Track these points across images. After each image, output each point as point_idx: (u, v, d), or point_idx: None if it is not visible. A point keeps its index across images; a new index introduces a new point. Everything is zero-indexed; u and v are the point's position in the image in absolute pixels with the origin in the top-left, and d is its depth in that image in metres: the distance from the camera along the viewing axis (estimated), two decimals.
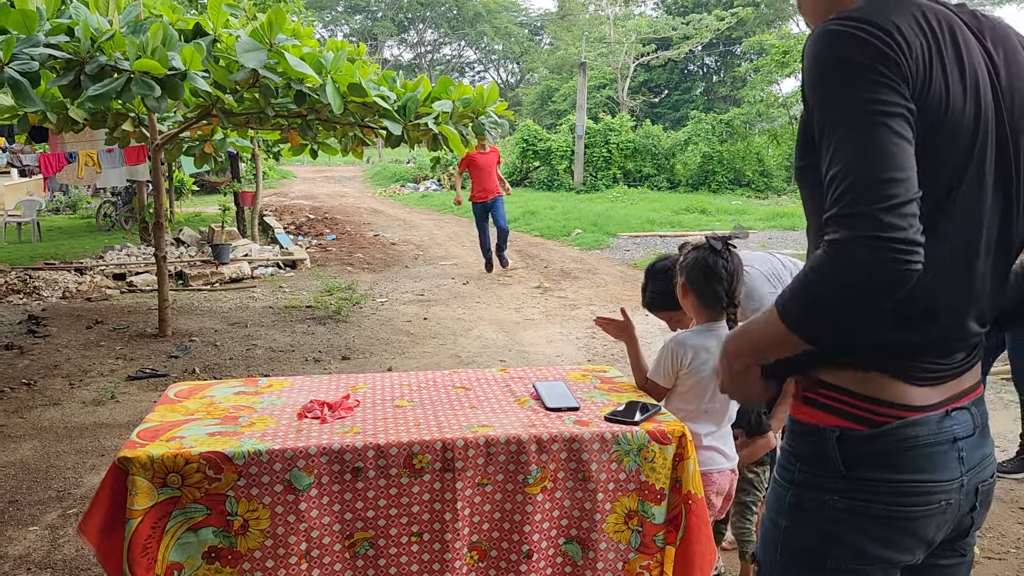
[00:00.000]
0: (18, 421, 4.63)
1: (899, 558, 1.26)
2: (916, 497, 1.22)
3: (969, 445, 1.25)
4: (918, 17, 1.15)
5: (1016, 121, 1.21)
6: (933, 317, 1.21)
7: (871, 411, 1.23)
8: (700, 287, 2.32)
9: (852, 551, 1.25)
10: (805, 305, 1.13)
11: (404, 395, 2.28)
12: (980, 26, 1.23)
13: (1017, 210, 1.24)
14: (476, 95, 5.43)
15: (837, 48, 1.12)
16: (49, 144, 10.32)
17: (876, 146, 1.08)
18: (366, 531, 1.90)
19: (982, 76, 1.17)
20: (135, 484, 1.76)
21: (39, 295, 8.32)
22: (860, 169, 1.08)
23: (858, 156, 1.09)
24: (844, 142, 1.10)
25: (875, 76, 1.09)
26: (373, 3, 52.79)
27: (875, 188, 1.06)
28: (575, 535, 2.03)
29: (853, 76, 1.10)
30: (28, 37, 4.02)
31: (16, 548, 3.16)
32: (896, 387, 1.22)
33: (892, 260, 1.04)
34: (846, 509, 1.24)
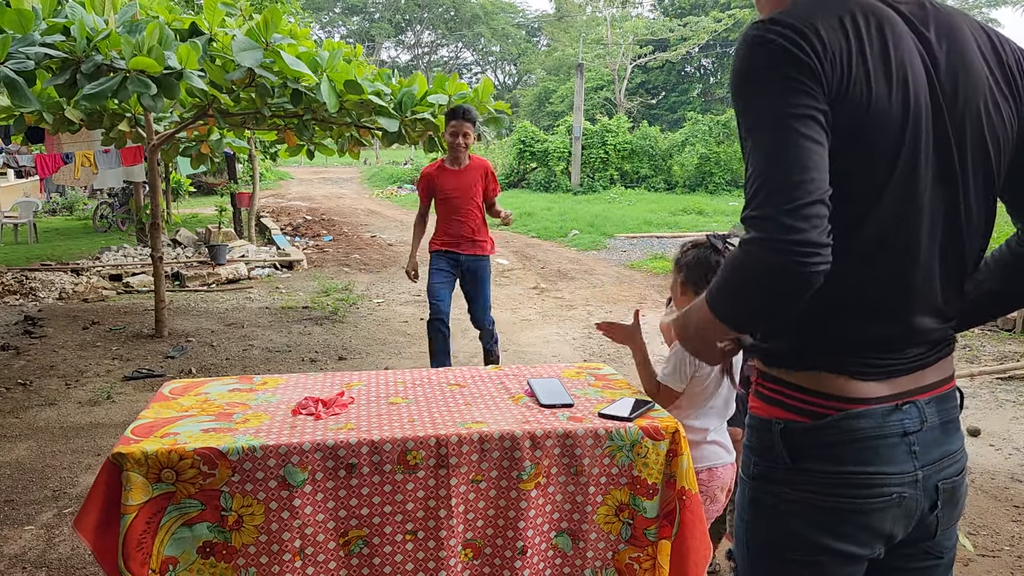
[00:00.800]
0: (14, 421, 4.62)
1: (855, 551, 1.26)
2: (863, 489, 1.23)
3: (924, 440, 1.25)
4: (843, 16, 1.17)
5: (959, 112, 1.21)
6: (872, 313, 1.22)
7: (812, 403, 1.24)
8: (700, 285, 2.33)
9: (806, 543, 1.26)
10: (726, 298, 1.18)
11: (399, 392, 2.29)
12: (925, 17, 1.24)
13: (965, 202, 1.24)
14: (473, 91, 5.45)
15: (752, 54, 1.16)
16: (45, 145, 10.32)
17: (783, 149, 1.11)
18: (361, 529, 1.90)
19: (914, 71, 1.18)
20: (130, 480, 1.76)
21: (36, 296, 8.31)
22: (767, 172, 1.12)
23: (767, 159, 1.12)
24: (755, 146, 1.14)
25: (786, 82, 1.12)
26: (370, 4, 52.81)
27: (779, 191, 1.10)
28: (566, 528, 2.03)
29: (765, 83, 1.14)
30: (24, 36, 4.02)
31: (12, 547, 3.16)
32: (838, 381, 1.23)
33: (793, 262, 1.07)
34: (796, 501, 1.26)
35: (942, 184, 1.21)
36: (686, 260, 2.37)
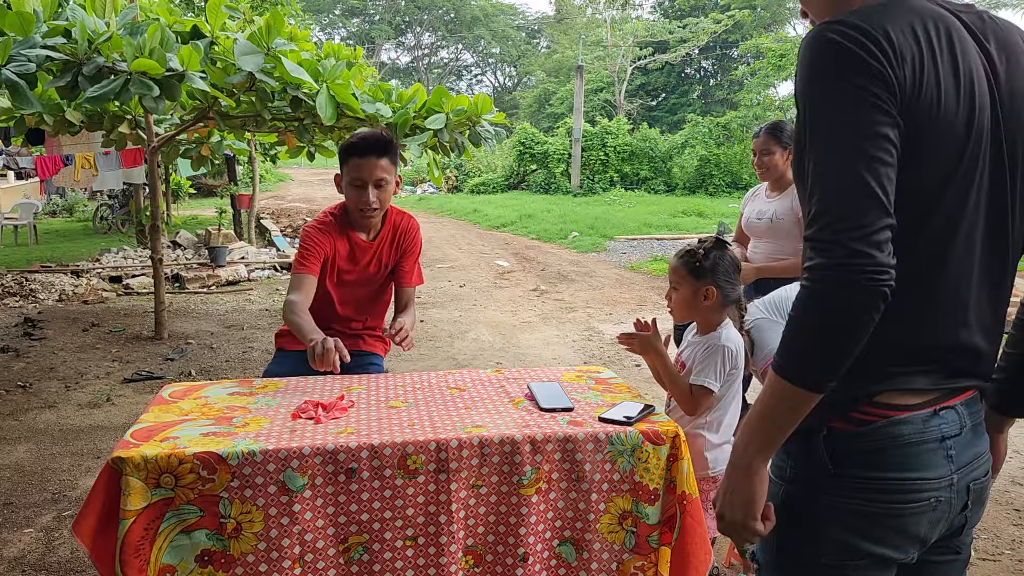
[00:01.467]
0: (14, 424, 4.62)
1: (892, 555, 1.27)
2: (903, 495, 1.23)
3: (959, 444, 1.26)
4: (914, 23, 1.15)
5: (1013, 125, 1.21)
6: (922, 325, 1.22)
7: (859, 410, 1.24)
8: (729, 285, 2.35)
9: (843, 548, 1.26)
10: (805, 349, 1.14)
11: (398, 396, 2.28)
12: (984, 29, 1.23)
13: (1012, 221, 1.24)
14: (471, 105, 5.45)
15: (827, 59, 1.14)
16: (45, 147, 10.32)
17: (853, 171, 1.09)
18: (360, 535, 1.89)
19: (979, 80, 1.18)
20: (128, 484, 1.76)
21: (35, 298, 8.31)
22: (835, 194, 1.10)
23: (836, 180, 1.10)
24: (824, 163, 1.12)
25: (858, 93, 1.10)
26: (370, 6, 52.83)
27: (848, 215, 1.09)
28: (569, 536, 2.03)
29: (839, 94, 1.12)
30: (25, 39, 4.03)
31: (11, 550, 3.16)
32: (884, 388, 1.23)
33: (864, 287, 1.07)
34: (834, 506, 1.25)
35: (992, 201, 1.21)
36: (712, 264, 2.35)
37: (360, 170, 2.69)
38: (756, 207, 3.78)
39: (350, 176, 2.72)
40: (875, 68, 1.10)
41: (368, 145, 2.69)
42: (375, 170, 2.70)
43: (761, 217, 3.68)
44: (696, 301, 2.38)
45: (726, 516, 1.26)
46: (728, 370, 2.32)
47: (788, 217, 3.56)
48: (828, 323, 1.11)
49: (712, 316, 2.39)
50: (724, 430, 2.39)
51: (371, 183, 2.70)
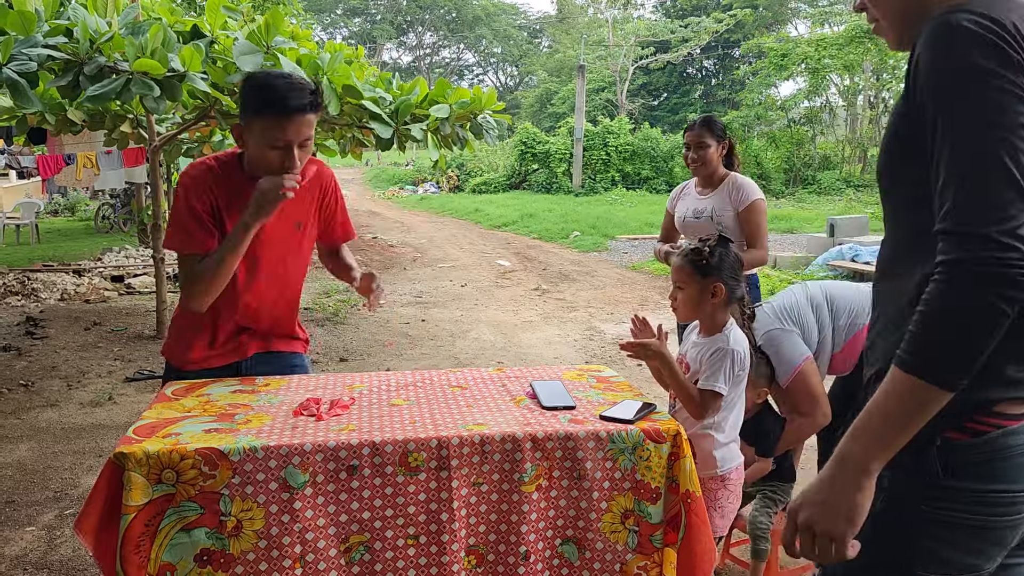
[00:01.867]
0: (16, 422, 4.63)
1: (983, 566, 1.24)
2: (1005, 507, 1.21)
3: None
4: (1021, 16, 1.13)
5: None
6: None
7: (975, 419, 1.20)
8: (735, 282, 2.35)
9: (939, 560, 1.23)
10: (943, 344, 1.08)
11: (400, 394, 2.28)
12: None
13: None
14: (474, 97, 5.44)
15: (966, 47, 1.10)
16: (47, 146, 10.33)
17: (995, 163, 1.06)
18: (362, 534, 1.89)
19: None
20: (130, 480, 1.76)
21: (37, 297, 8.32)
22: (975, 186, 1.07)
23: (976, 172, 1.07)
24: (965, 152, 1.09)
25: (1001, 84, 1.08)
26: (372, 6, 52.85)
27: (991, 208, 1.05)
28: (571, 535, 2.03)
29: (978, 85, 1.09)
30: (27, 38, 4.03)
31: (13, 549, 3.16)
32: (1004, 398, 1.20)
33: (1010, 279, 1.04)
34: (936, 519, 1.22)
35: None
36: (717, 261, 2.33)
37: (284, 130, 2.11)
38: (689, 205, 3.66)
39: (268, 136, 2.12)
40: (1015, 59, 1.09)
41: (295, 100, 2.09)
42: (303, 128, 2.14)
43: (700, 216, 3.57)
44: (703, 299, 2.35)
45: (819, 526, 1.16)
46: (736, 372, 2.31)
47: (728, 214, 3.47)
48: (967, 319, 1.06)
49: (717, 315, 2.37)
50: (730, 429, 2.39)
51: (296, 144, 2.15)
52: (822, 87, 21.10)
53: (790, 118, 22.33)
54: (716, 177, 3.57)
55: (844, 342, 2.87)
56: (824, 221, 11.76)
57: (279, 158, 2.16)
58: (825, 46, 20.24)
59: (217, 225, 2.26)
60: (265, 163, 2.18)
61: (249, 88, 2.18)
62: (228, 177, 2.27)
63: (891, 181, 1.28)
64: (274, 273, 2.40)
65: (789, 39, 24.05)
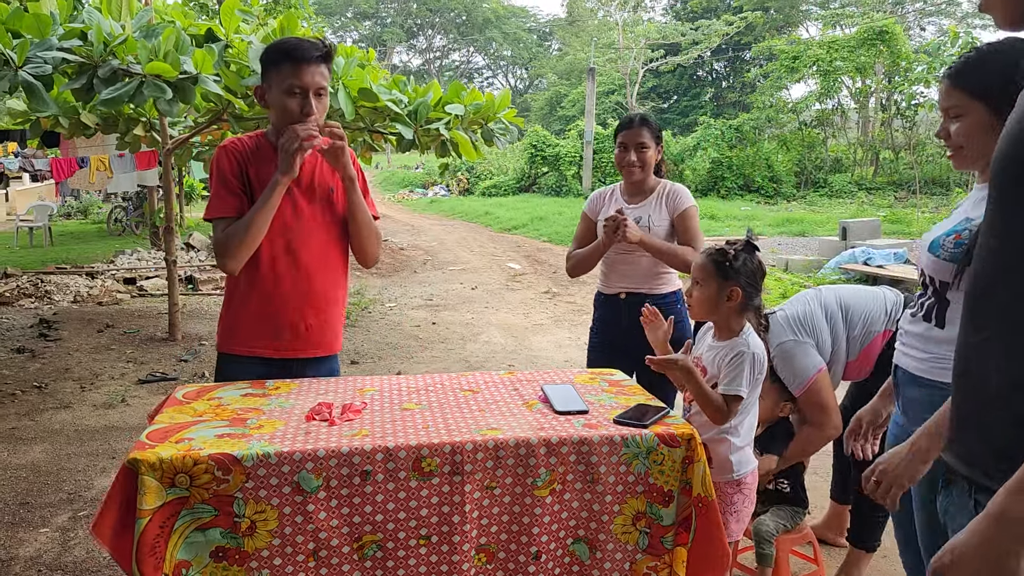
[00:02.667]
0: (29, 424, 4.65)
1: None
2: None
3: None
4: None
5: None
6: None
7: None
8: (753, 289, 2.33)
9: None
10: None
11: (412, 398, 2.28)
12: None
13: None
14: (488, 101, 5.45)
15: None
16: (61, 149, 10.41)
17: None
18: (375, 534, 1.90)
19: None
20: (144, 484, 1.76)
21: (51, 299, 8.37)
22: None
23: None
24: None
25: None
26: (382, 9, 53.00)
27: None
28: (583, 535, 2.02)
29: None
30: (41, 41, 4.06)
31: (27, 550, 3.18)
32: None
33: None
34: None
35: None
36: (741, 266, 2.32)
37: (299, 76, 2.29)
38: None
39: (285, 84, 2.30)
40: None
41: (305, 49, 2.30)
42: (316, 76, 2.32)
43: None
44: (719, 300, 2.34)
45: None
46: (755, 375, 2.30)
47: (664, 224, 3.16)
48: None
49: (732, 319, 2.36)
50: (745, 433, 2.38)
51: (312, 91, 2.32)
52: (834, 89, 21.00)
53: (801, 121, 22.23)
54: (648, 184, 3.20)
55: (859, 351, 2.85)
56: (836, 224, 11.69)
57: (297, 104, 2.32)
58: (837, 48, 20.15)
59: (247, 192, 2.38)
60: (286, 113, 2.33)
61: (267, 50, 2.38)
62: (257, 148, 2.43)
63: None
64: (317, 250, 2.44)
65: (800, 41, 23.99)
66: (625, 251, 3.13)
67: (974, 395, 1.16)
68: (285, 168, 2.28)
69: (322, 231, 2.46)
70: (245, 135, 2.49)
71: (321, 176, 2.47)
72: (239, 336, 2.45)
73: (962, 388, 1.20)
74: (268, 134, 2.46)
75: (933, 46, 18.89)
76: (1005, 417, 1.10)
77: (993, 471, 1.10)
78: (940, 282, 1.85)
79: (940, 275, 1.85)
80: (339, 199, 2.50)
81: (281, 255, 2.40)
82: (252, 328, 2.43)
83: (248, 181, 2.38)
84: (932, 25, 33.36)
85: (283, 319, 2.42)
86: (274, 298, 2.40)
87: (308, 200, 2.44)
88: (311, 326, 2.46)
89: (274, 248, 2.39)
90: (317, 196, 2.46)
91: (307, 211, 2.43)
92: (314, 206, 2.45)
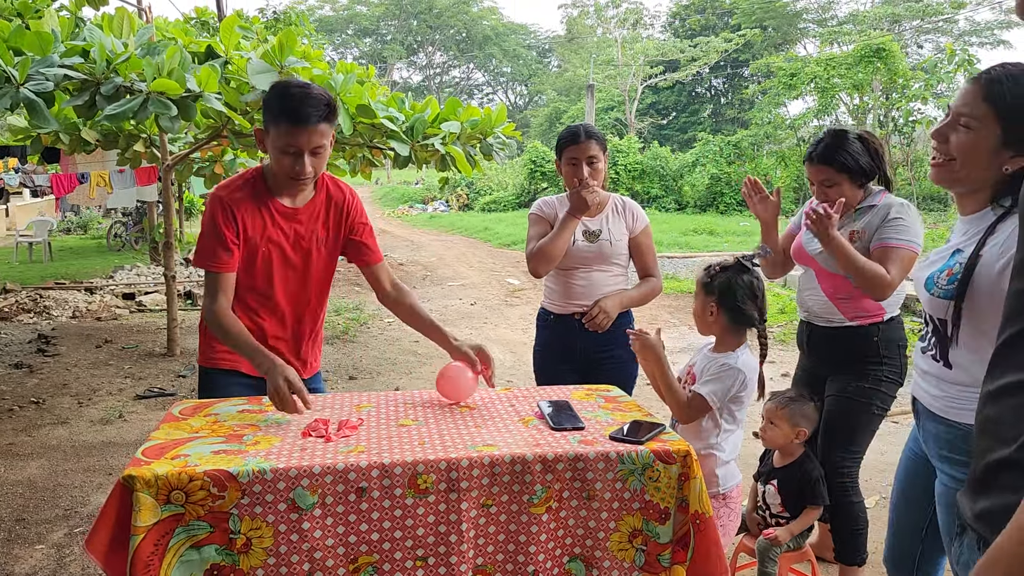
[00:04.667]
0: (26, 439, 4.64)
1: None
2: None
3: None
4: None
5: None
6: None
7: None
8: (733, 308, 2.36)
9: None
10: None
11: (408, 414, 2.28)
12: None
13: None
14: (484, 116, 5.48)
15: None
16: (61, 165, 10.44)
17: None
18: (371, 555, 1.89)
19: None
20: (139, 501, 1.76)
21: (49, 314, 8.37)
22: None
23: None
24: None
25: None
26: (383, 26, 53.32)
27: None
28: (579, 553, 2.02)
29: None
30: (43, 58, 4.09)
31: (23, 566, 3.16)
32: None
33: None
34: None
35: None
36: (717, 283, 2.38)
37: (296, 137, 2.25)
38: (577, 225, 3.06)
39: (282, 142, 2.27)
40: None
41: (307, 109, 2.23)
42: (314, 137, 2.27)
43: (595, 238, 3.04)
44: (704, 314, 2.43)
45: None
46: (735, 392, 2.34)
47: (624, 239, 3.06)
48: None
49: (727, 335, 2.41)
50: (731, 449, 2.42)
51: (307, 152, 2.29)
52: (831, 106, 21.08)
53: (800, 137, 22.30)
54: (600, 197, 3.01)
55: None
56: None
57: (291, 163, 2.30)
58: (834, 65, 20.25)
59: (239, 241, 2.38)
60: (280, 167, 2.33)
61: (270, 96, 2.32)
62: (254, 195, 2.41)
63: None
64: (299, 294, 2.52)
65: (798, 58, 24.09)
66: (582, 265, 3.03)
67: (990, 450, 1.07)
68: (273, 396, 2.18)
69: (305, 279, 2.51)
70: (240, 177, 2.47)
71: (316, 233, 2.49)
72: (220, 351, 2.48)
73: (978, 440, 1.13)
74: (265, 172, 2.45)
75: (930, 63, 19.01)
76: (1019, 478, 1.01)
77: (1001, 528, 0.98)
78: (939, 319, 1.85)
79: (937, 312, 1.84)
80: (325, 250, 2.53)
81: (262, 303, 2.47)
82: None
83: (243, 230, 2.37)
84: (929, 43, 33.58)
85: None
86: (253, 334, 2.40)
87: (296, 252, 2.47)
88: (288, 362, 2.43)
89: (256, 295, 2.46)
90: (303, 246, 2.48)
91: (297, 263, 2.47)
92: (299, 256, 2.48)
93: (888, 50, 19.24)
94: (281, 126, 2.25)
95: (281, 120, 2.25)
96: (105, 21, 4.81)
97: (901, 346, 2.83)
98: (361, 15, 51.27)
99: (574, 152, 2.97)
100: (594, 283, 3.03)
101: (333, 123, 2.34)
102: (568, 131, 3.03)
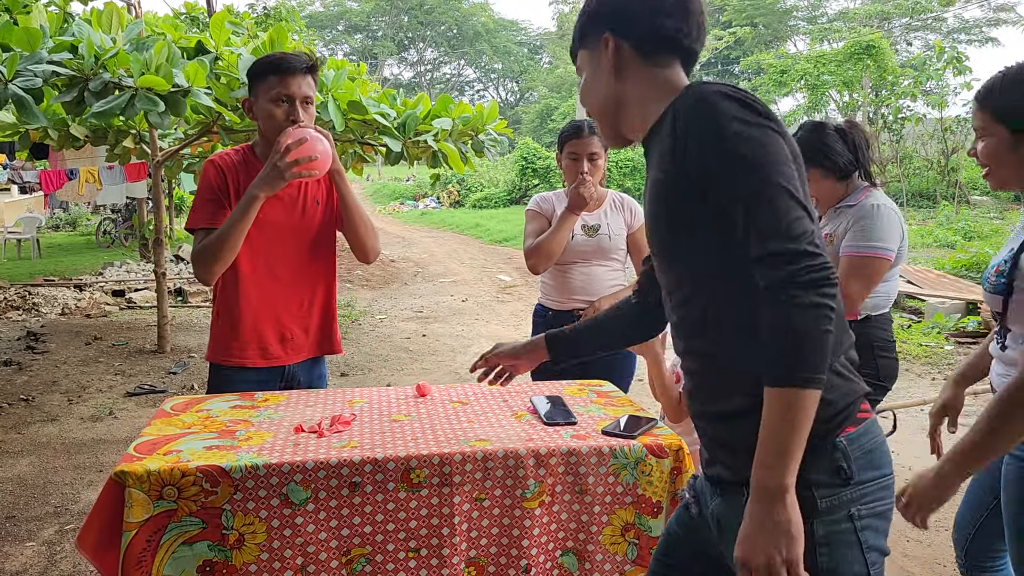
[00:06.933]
0: (16, 437, 4.62)
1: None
2: (891, 489, 1.36)
3: None
4: None
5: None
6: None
7: (862, 408, 1.34)
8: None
9: (881, 552, 1.33)
10: (802, 349, 1.19)
11: (401, 409, 2.28)
12: None
13: None
14: (476, 113, 5.47)
15: None
16: (49, 161, 10.37)
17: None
18: (363, 547, 1.89)
19: None
20: (131, 497, 1.76)
21: (38, 311, 8.32)
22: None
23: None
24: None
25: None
26: (373, 23, 53.15)
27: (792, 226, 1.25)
28: (572, 547, 2.03)
29: None
30: (32, 54, 4.06)
31: (13, 564, 3.15)
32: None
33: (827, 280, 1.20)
34: (867, 515, 1.31)
35: None
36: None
37: (286, 85, 2.30)
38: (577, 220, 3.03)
39: (272, 93, 2.31)
40: None
41: (291, 60, 2.32)
42: (303, 86, 2.33)
43: (594, 233, 3.02)
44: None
45: (766, 559, 1.20)
46: None
47: (622, 235, 3.05)
48: (815, 322, 1.21)
49: None
50: None
51: (299, 100, 2.33)
52: (821, 103, 21.18)
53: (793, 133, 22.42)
54: (598, 193, 3.02)
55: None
56: None
57: (284, 112, 2.33)
58: (824, 63, 20.34)
59: (230, 205, 2.38)
60: (272, 120, 2.34)
61: (254, 64, 2.40)
62: (245, 162, 2.44)
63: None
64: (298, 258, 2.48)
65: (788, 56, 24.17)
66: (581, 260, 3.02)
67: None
68: (265, 185, 2.24)
69: (299, 241, 2.49)
70: (232, 148, 2.50)
71: (302, 187, 2.48)
72: (229, 347, 2.48)
73: None
74: (255, 146, 2.48)
75: (919, 61, 19.10)
76: None
77: None
78: (995, 312, 1.94)
79: (993, 306, 1.93)
80: (321, 209, 2.52)
81: (260, 268, 2.44)
82: (239, 339, 2.46)
83: (235, 193, 2.38)
84: (919, 40, 33.72)
85: (266, 330, 2.47)
86: (256, 310, 2.44)
87: (286, 211, 2.46)
88: (294, 335, 2.51)
89: (253, 261, 2.43)
90: (296, 207, 2.47)
91: (284, 222, 2.45)
92: (292, 217, 2.47)
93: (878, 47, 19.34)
94: (270, 79, 2.32)
95: (269, 73, 2.32)
96: (94, 16, 4.79)
97: (877, 346, 2.73)
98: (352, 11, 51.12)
99: (576, 147, 2.95)
100: (593, 278, 3.02)
101: (316, 81, 2.40)
102: (572, 125, 3.02)
